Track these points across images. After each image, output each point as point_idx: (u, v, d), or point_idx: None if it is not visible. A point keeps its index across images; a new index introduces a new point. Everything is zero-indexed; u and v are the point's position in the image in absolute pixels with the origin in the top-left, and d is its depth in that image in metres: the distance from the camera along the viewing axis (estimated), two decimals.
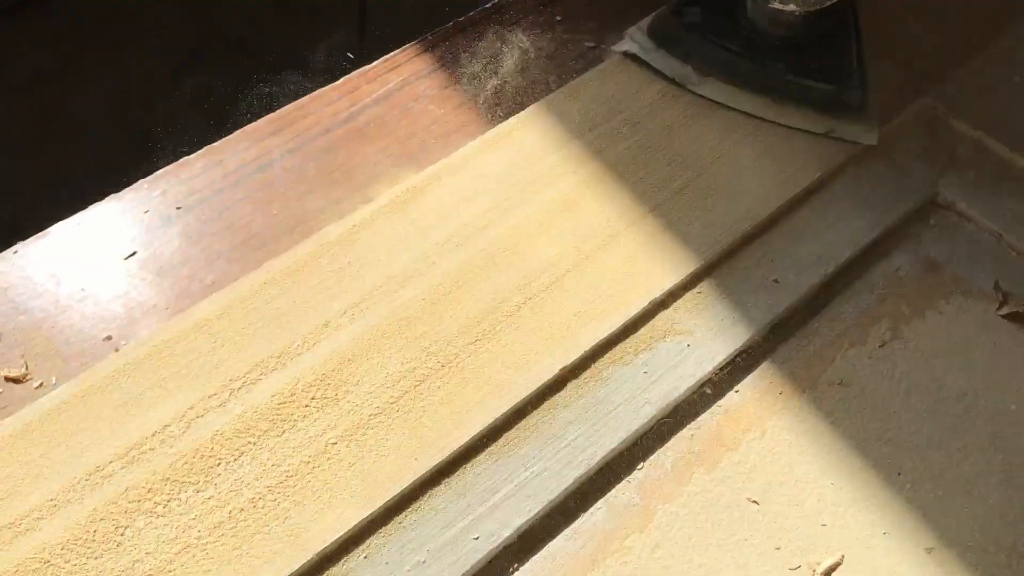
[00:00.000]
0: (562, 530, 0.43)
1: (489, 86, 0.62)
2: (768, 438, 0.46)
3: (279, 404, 0.44)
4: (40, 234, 0.55)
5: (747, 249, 0.51)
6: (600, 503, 0.44)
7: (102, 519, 0.41)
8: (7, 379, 0.48)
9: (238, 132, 0.60)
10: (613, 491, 0.45)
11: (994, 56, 0.58)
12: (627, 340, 0.48)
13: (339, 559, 0.41)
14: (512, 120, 0.56)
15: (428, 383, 0.45)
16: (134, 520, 0.41)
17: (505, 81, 0.63)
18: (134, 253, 0.54)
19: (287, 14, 2.36)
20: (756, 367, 0.48)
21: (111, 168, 0.57)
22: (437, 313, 0.47)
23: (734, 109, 0.56)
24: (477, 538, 0.42)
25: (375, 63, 0.64)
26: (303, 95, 0.62)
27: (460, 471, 0.43)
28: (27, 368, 0.49)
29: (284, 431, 0.43)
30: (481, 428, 0.44)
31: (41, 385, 0.48)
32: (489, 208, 0.51)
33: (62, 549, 0.40)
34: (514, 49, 0.64)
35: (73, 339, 0.50)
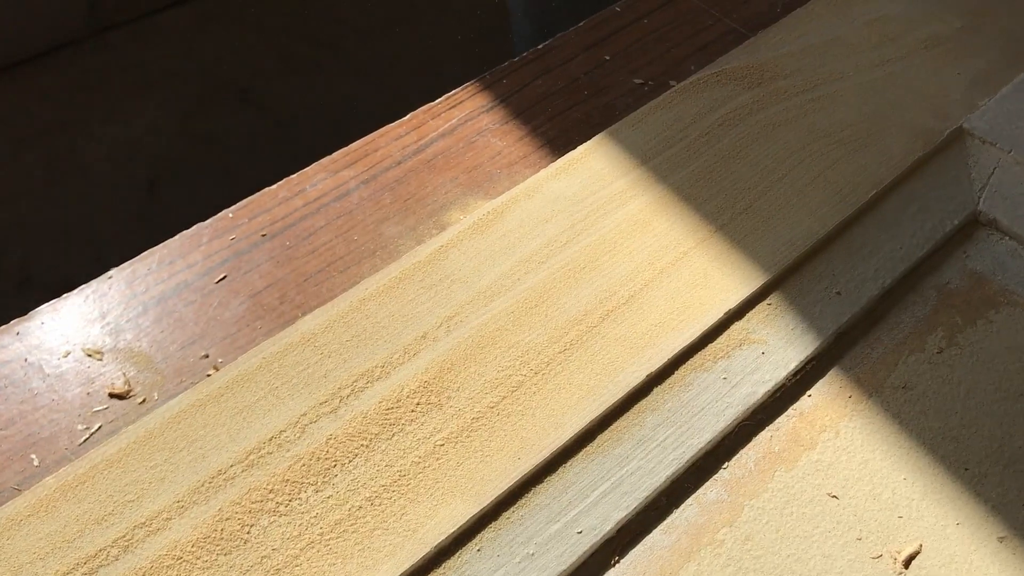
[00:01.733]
0: (657, 525, 0.46)
1: (546, 120, 0.66)
2: (842, 438, 0.49)
3: (387, 410, 0.47)
4: (133, 259, 0.58)
5: (810, 264, 0.54)
6: (691, 500, 0.47)
7: (228, 518, 0.43)
8: (111, 395, 0.51)
9: (314, 164, 0.63)
10: (702, 488, 0.47)
11: (1022, 83, 0.62)
12: (706, 348, 0.51)
13: (455, 552, 0.43)
14: (580, 148, 0.60)
15: (523, 389, 0.48)
16: (259, 519, 0.43)
17: (560, 115, 0.67)
18: (224, 277, 0.56)
19: (291, 67, 2.41)
20: (826, 373, 0.52)
21: (118, 216, 0.60)
22: (526, 324, 0.50)
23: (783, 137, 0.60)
24: (580, 532, 0.44)
25: (438, 100, 0.68)
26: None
27: (560, 470, 0.46)
28: (129, 385, 0.51)
29: (394, 434, 0.46)
30: (577, 430, 0.47)
31: (144, 401, 0.51)
32: (566, 228, 0.55)
33: (193, 547, 0.42)
34: (567, 86, 0.68)
35: (171, 358, 0.53)
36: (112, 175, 2.10)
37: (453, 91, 0.68)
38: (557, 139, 0.65)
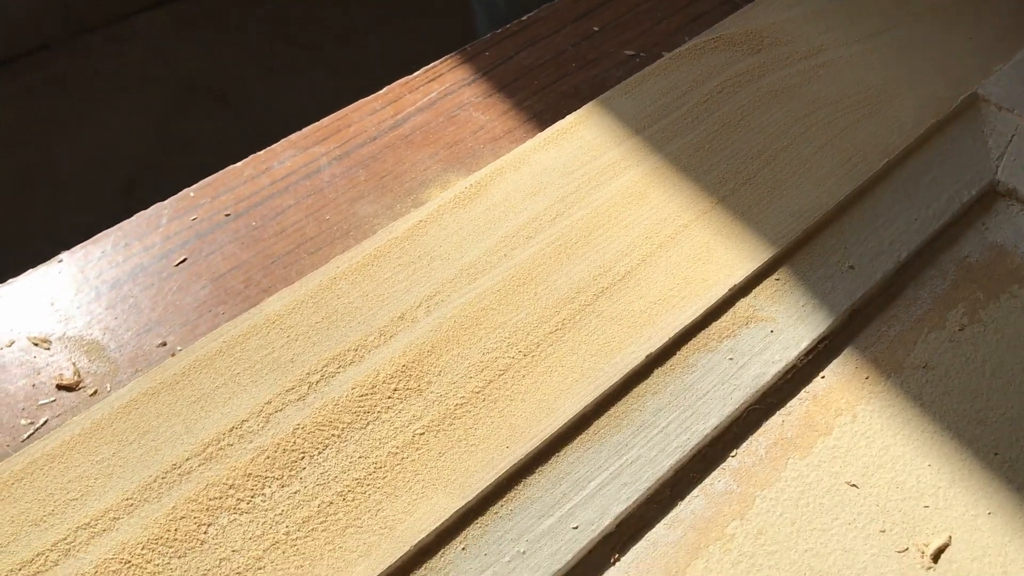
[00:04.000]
0: (661, 519, 0.42)
1: (532, 93, 0.62)
2: (860, 422, 0.45)
3: (360, 396, 0.42)
4: (85, 242, 0.53)
5: (820, 237, 0.50)
6: (696, 491, 0.43)
7: (183, 517, 0.38)
8: (59, 387, 0.46)
9: (283, 140, 0.59)
10: (709, 478, 0.43)
11: None
12: (710, 327, 0.46)
13: (437, 551, 0.39)
14: (569, 117, 0.55)
15: (512, 372, 0.44)
16: (217, 517, 0.38)
17: (547, 88, 0.62)
18: (184, 260, 0.52)
19: (270, 70, 2.36)
20: (840, 352, 0.47)
21: (95, 220, 0.55)
22: (514, 303, 0.46)
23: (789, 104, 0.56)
24: (576, 527, 0.40)
25: (416, 73, 0.63)
26: None
27: (553, 459, 0.42)
28: (79, 376, 0.47)
29: (368, 423, 0.41)
30: (571, 415, 0.42)
31: (95, 392, 0.46)
32: (556, 201, 0.50)
33: (143, 549, 0.37)
34: (554, 57, 0.64)
35: (126, 346, 0.48)
36: (88, 179, 2.05)
37: (432, 64, 0.64)
38: (544, 113, 0.60)
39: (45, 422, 0.45)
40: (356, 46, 2.45)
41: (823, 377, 0.46)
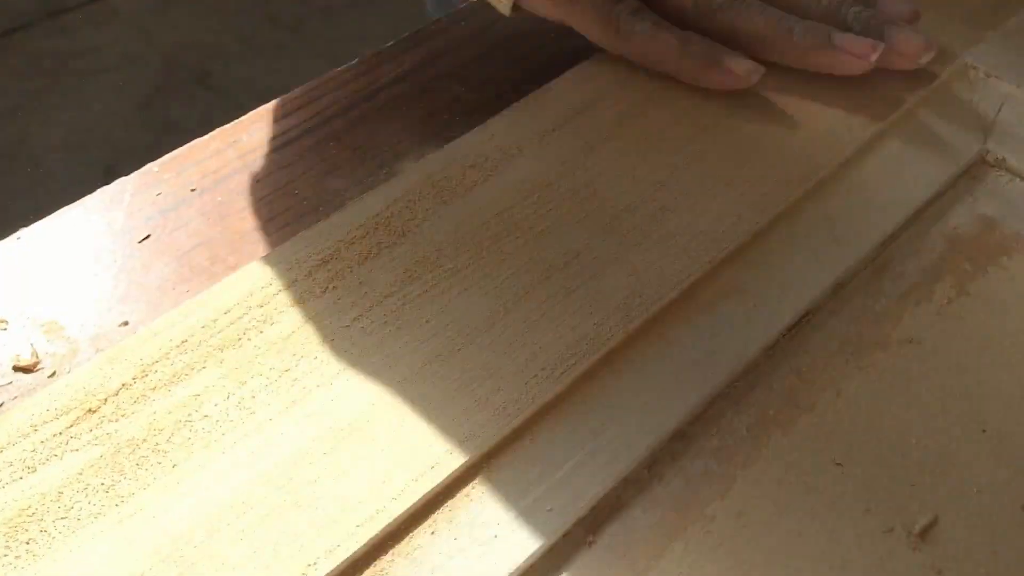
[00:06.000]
0: (638, 500, 0.40)
1: (511, 63, 0.60)
2: (844, 398, 0.43)
3: None
4: (45, 219, 0.51)
5: (805, 210, 0.49)
6: (675, 471, 0.41)
7: None
8: (16, 369, 0.45)
9: (251, 113, 0.57)
10: (688, 458, 0.42)
11: None
12: (690, 300, 0.45)
13: (404, 536, 0.37)
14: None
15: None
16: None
17: (526, 58, 0.61)
18: (148, 236, 0.50)
19: (253, 50, 2.33)
20: (824, 327, 0.46)
21: (74, 202, 0.53)
22: (489, 274, 0.45)
23: None
24: (550, 509, 0.38)
25: (390, 43, 0.62)
26: None
27: (527, 440, 0.40)
28: (37, 357, 0.45)
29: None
30: (548, 395, 0.41)
31: (54, 374, 0.44)
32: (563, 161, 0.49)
33: None
34: (533, 28, 0.62)
35: (86, 326, 0.46)
36: (67, 162, 2.02)
37: (406, 33, 0.62)
38: (522, 84, 0.59)
39: (1, 404, 0.43)
40: (340, 24, 2.42)
41: (806, 352, 0.45)
